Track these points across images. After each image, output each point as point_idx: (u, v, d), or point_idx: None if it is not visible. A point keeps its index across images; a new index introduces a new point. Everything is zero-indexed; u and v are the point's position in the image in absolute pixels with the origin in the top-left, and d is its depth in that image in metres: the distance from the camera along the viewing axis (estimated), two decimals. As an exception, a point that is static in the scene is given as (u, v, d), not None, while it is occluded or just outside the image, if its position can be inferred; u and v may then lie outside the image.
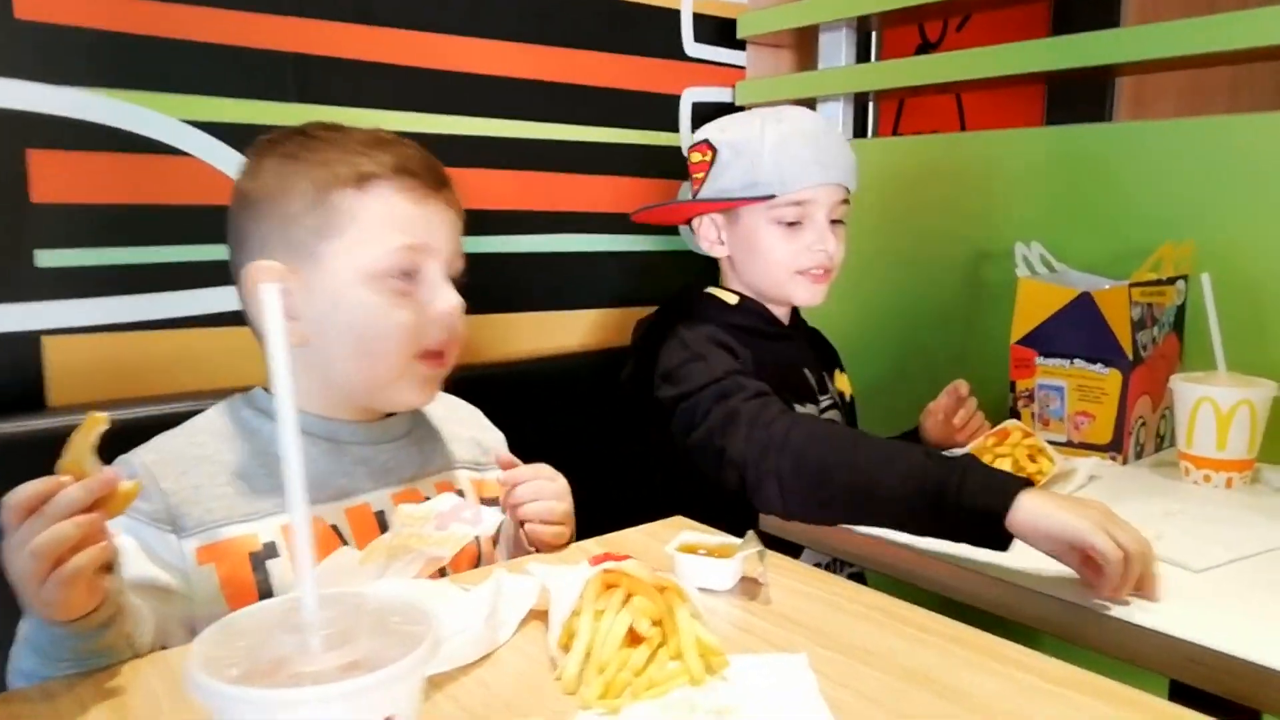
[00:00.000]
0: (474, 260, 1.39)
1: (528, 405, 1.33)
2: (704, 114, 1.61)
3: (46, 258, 1.05)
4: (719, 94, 1.71)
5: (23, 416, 0.97)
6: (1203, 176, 1.19)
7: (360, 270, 0.79)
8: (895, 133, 2.24)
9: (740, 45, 1.73)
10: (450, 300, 0.83)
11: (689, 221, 1.29)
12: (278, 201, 0.79)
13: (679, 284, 1.30)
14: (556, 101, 1.49)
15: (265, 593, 0.75)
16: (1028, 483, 0.79)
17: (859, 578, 0.94)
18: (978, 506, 0.78)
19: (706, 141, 1.24)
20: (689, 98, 1.67)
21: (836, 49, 1.63)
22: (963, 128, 2.35)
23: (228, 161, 1.16)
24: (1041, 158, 1.35)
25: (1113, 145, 1.28)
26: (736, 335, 1.14)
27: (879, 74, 1.59)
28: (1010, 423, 1.09)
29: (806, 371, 1.24)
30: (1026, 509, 0.76)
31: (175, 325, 1.14)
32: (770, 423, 0.95)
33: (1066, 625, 0.75)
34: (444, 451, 0.92)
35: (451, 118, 1.38)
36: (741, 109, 1.74)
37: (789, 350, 1.24)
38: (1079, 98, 2.47)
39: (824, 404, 1.24)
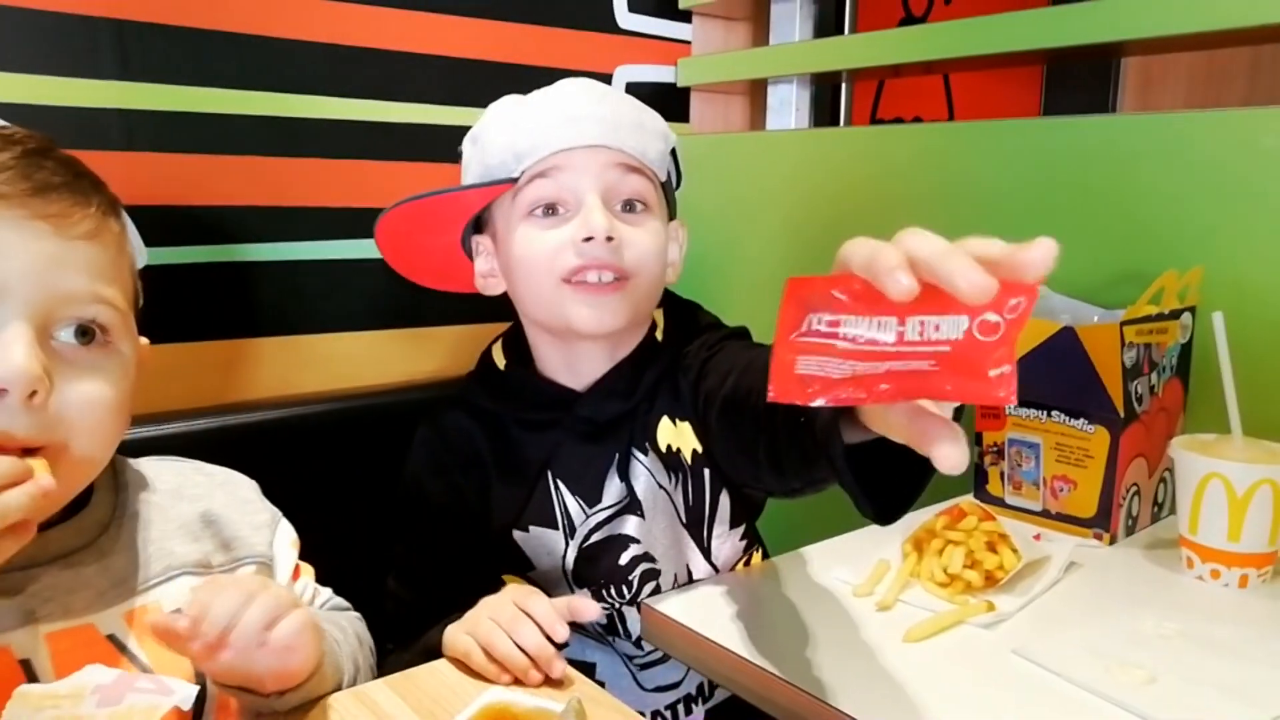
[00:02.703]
0: (307, 268, 1.19)
1: (351, 453, 1.10)
2: (641, 96, 1.35)
3: None
4: (658, 73, 1.48)
5: None
6: (1216, 183, 0.96)
7: None
8: (874, 120, 2.00)
9: (685, 16, 1.49)
10: (9, 364, 0.52)
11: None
12: None
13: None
14: (454, 80, 1.26)
15: None
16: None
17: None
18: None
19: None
20: (622, 77, 1.44)
21: (790, 21, 1.39)
22: (950, 114, 2.11)
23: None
24: (1024, 157, 1.11)
25: (1108, 142, 1.04)
26: (474, 430, 0.95)
27: (841, 51, 1.35)
28: (966, 500, 0.86)
29: (597, 461, 0.93)
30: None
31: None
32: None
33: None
34: (153, 557, 0.66)
35: (313, 99, 1.15)
36: (686, 91, 1.52)
37: (568, 435, 0.92)
38: (1080, 81, 2.23)
39: (609, 508, 0.92)
